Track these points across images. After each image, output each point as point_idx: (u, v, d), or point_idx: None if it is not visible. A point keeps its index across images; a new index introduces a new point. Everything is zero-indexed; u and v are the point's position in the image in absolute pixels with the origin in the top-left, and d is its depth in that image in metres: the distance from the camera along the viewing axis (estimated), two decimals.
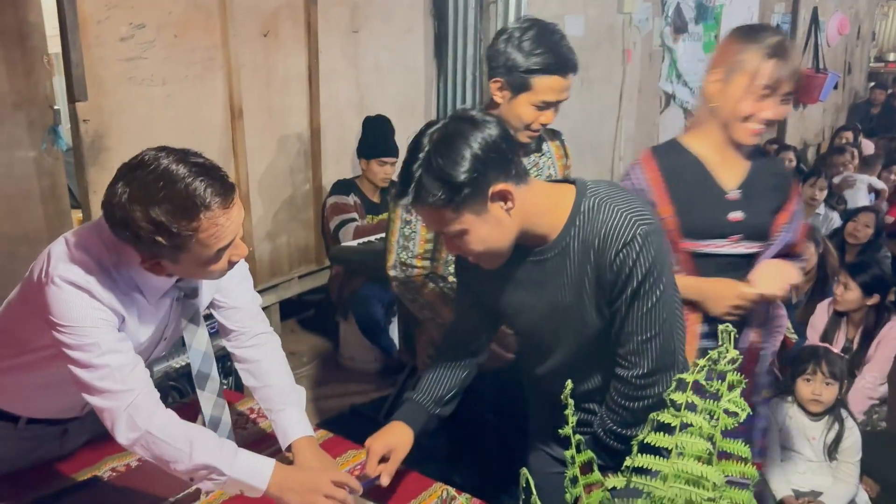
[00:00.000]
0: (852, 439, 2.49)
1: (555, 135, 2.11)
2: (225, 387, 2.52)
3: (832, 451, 2.50)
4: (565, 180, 1.41)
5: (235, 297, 1.58)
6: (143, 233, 1.20)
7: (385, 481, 1.47)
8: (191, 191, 1.19)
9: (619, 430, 1.41)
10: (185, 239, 1.21)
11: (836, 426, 2.49)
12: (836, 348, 2.92)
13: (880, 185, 5.32)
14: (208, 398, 1.52)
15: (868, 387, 2.96)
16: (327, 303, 3.98)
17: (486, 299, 1.50)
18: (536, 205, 1.33)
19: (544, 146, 2.06)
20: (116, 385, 1.29)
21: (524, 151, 1.94)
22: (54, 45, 2.74)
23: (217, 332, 2.55)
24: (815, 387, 2.48)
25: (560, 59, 1.79)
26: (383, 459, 1.49)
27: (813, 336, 3.12)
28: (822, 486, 2.50)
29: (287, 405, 1.56)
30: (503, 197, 1.27)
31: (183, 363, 2.51)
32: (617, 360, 1.39)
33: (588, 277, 1.33)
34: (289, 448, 1.53)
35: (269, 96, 3.57)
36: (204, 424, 1.51)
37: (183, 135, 3.06)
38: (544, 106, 1.81)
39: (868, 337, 3.04)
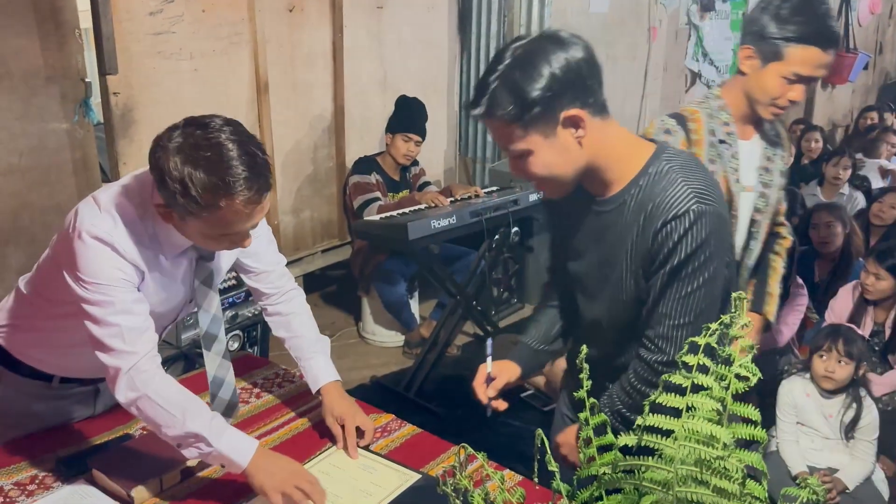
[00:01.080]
0: (870, 418, 2.50)
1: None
2: (251, 353, 2.58)
3: (849, 429, 2.51)
4: (647, 138, 1.36)
5: (265, 260, 1.66)
6: (169, 182, 1.24)
7: (490, 393, 1.49)
8: (230, 174, 1.23)
9: (628, 413, 1.34)
10: (199, 208, 1.25)
11: (854, 405, 2.50)
12: (865, 332, 2.88)
13: (891, 166, 5.23)
14: (213, 359, 1.58)
15: None
16: (349, 278, 4.03)
17: (563, 238, 1.48)
18: (613, 146, 1.28)
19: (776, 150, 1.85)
20: (124, 345, 1.35)
21: (766, 138, 1.79)
22: (85, 20, 2.79)
23: (233, 305, 2.62)
24: (829, 364, 2.49)
25: (820, 30, 1.65)
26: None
27: (831, 318, 3.09)
28: (838, 464, 2.52)
29: (315, 353, 1.70)
30: (575, 123, 1.22)
31: None
32: (643, 340, 1.33)
33: (633, 241, 1.28)
34: (318, 392, 1.67)
35: (293, 72, 3.60)
36: (209, 383, 1.58)
37: (210, 109, 3.01)
38: (795, 79, 1.67)
39: None
